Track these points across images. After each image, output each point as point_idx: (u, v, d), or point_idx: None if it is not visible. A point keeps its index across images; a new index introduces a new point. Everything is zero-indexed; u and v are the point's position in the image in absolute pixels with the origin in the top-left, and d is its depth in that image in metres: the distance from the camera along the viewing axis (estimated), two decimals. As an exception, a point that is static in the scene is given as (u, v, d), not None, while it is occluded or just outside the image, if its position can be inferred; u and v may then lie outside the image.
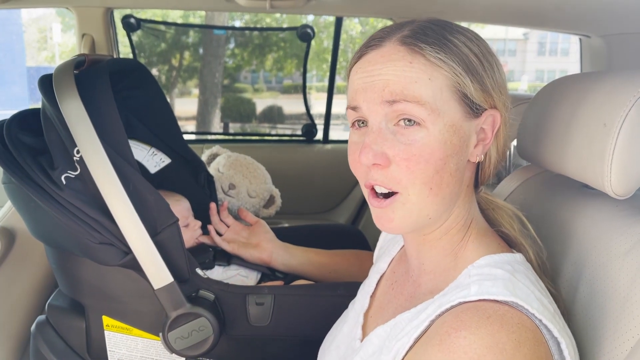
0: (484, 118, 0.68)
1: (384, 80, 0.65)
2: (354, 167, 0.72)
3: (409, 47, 0.65)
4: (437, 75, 0.65)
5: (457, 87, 0.65)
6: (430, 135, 0.65)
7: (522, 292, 0.62)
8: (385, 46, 0.67)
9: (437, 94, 0.65)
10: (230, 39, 4.29)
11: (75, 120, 0.90)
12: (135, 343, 1.05)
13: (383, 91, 0.65)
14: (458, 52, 0.66)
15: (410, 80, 0.64)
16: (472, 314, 0.60)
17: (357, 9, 1.97)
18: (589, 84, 0.78)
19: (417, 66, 0.65)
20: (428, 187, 0.66)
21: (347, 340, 0.84)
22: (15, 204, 1.04)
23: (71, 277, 1.06)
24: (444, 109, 0.65)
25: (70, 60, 1.01)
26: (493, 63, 0.69)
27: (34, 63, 11.60)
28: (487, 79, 0.67)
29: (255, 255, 1.25)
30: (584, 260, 0.76)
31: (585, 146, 0.74)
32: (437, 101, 0.64)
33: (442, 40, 0.66)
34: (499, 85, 0.69)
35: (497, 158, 0.73)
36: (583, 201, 0.84)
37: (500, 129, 0.70)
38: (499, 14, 1.76)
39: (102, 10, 1.74)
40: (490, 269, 0.66)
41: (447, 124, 0.65)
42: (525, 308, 0.60)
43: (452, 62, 0.65)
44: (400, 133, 0.66)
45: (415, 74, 0.64)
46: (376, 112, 0.66)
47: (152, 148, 1.34)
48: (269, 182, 1.55)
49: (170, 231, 0.98)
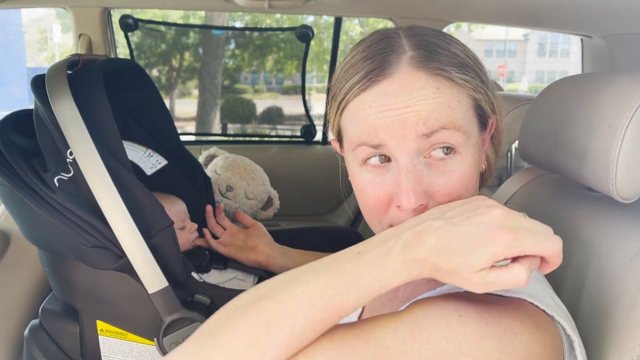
0: (489, 127, 0.67)
1: (416, 112, 0.59)
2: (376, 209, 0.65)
3: (428, 71, 0.61)
4: (463, 96, 0.61)
5: (475, 103, 0.63)
6: (465, 162, 0.61)
7: (532, 289, 0.60)
8: (399, 73, 0.61)
9: (466, 115, 0.61)
10: (230, 39, 4.28)
11: (68, 122, 0.88)
12: (129, 348, 1.04)
13: (417, 124, 0.59)
14: (471, 66, 0.63)
15: (443, 107, 0.60)
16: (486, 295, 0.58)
17: (356, 9, 1.95)
18: (592, 85, 0.77)
19: (444, 90, 0.60)
20: None
21: None
22: (7, 207, 1.03)
23: (64, 281, 1.04)
24: (471, 129, 0.62)
25: (64, 61, 0.99)
26: (483, 69, 0.67)
27: (34, 64, 11.62)
28: (488, 89, 0.65)
29: (252, 258, 1.23)
30: (587, 265, 0.74)
31: (589, 148, 0.72)
32: (467, 123, 0.61)
33: (453, 57, 0.62)
34: (492, 90, 0.67)
35: (495, 160, 0.71)
36: (586, 204, 0.82)
37: (495, 131, 0.69)
38: (499, 14, 1.74)
39: (99, 10, 1.73)
40: None
41: (474, 144, 0.62)
42: (534, 304, 0.59)
43: (472, 78, 0.62)
44: (436, 165, 0.61)
45: (446, 99, 0.60)
46: (410, 149, 0.60)
47: (148, 149, 1.32)
48: (266, 183, 1.53)
49: (165, 234, 0.96)
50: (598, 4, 1.47)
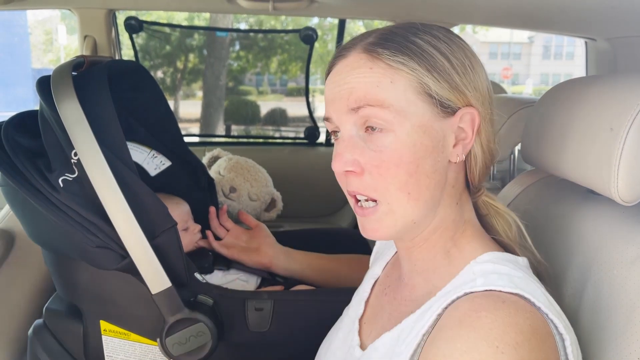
0: (458, 117, 0.67)
1: (349, 88, 0.67)
2: (339, 179, 0.73)
3: (369, 54, 0.66)
4: (398, 77, 0.65)
5: (422, 87, 0.65)
6: (398, 139, 0.65)
7: (528, 287, 0.61)
8: (350, 56, 0.69)
9: (401, 96, 0.65)
10: (234, 41, 4.29)
11: (73, 122, 0.89)
12: (133, 348, 1.04)
13: (348, 99, 0.67)
14: (420, 52, 0.66)
15: (371, 85, 0.65)
16: (486, 298, 0.59)
17: (359, 11, 1.96)
18: (594, 87, 0.77)
19: (378, 70, 0.65)
20: (406, 193, 0.66)
21: (344, 348, 0.82)
22: (12, 207, 1.03)
23: (68, 281, 1.04)
24: (411, 110, 0.65)
25: (69, 62, 1.00)
26: (465, 61, 0.67)
27: (39, 65, 11.67)
28: (457, 76, 0.66)
29: (255, 259, 1.23)
30: (588, 267, 0.74)
31: (591, 151, 0.72)
32: (401, 103, 0.65)
33: (404, 43, 0.66)
34: (473, 82, 0.67)
35: (483, 157, 0.71)
36: (588, 207, 0.82)
37: (482, 127, 0.69)
38: (503, 16, 1.74)
39: (104, 12, 1.74)
40: (494, 266, 0.65)
41: (414, 125, 0.65)
42: (531, 301, 0.59)
43: (414, 62, 0.65)
44: (370, 140, 0.66)
45: (376, 78, 0.65)
46: (345, 121, 0.68)
47: (152, 150, 1.33)
48: (270, 185, 1.54)
49: (168, 235, 0.97)
50: (602, 7, 1.47)
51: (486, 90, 0.70)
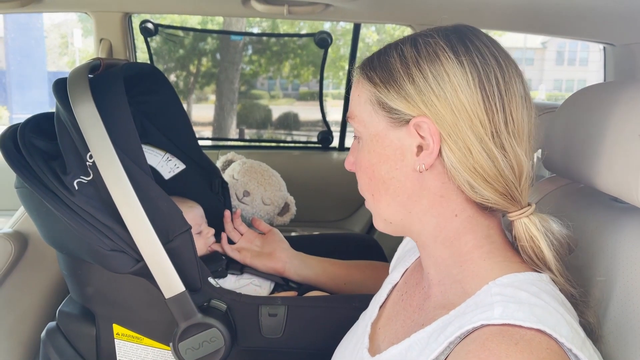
0: (411, 126, 0.66)
1: None
2: None
3: (360, 71, 0.73)
4: (363, 91, 0.71)
5: (377, 99, 0.69)
6: (362, 147, 0.73)
7: (551, 318, 0.58)
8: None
9: (362, 107, 0.71)
10: (247, 45, 4.30)
11: (89, 125, 0.89)
12: (145, 352, 1.03)
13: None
14: (381, 65, 0.69)
15: (352, 100, 0.74)
16: (498, 341, 0.56)
17: (375, 16, 1.95)
18: (619, 93, 0.75)
19: (357, 86, 0.73)
20: (370, 194, 0.73)
21: (354, 350, 0.81)
22: (27, 209, 1.03)
23: (82, 284, 1.04)
24: (368, 121, 0.71)
25: (85, 64, 1.00)
26: (431, 71, 0.64)
27: (55, 68, 11.79)
28: (408, 85, 0.65)
29: (269, 264, 1.22)
30: (613, 279, 0.72)
31: (617, 158, 0.70)
32: (363, 114, 0.71)
33: (375, 59, 0.71)
34: (436, 92, 0.64)
35: (463, 168, 0.64)
36: (613, 216, 0.80)
37: (456, 137, 0.64)
38: (521, 21, 1.72)
39: (120, 15, 1.74)
40: (515, 290, 0.62)
41: (371, 134, 0.71)
42: (553, 337, 0.56)
43: (375, 75, 0.70)
44: (356, 146, 0.76)
45: (355, 93, 0.74)
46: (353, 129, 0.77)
47: (166, 153, 1.33)
48: (283, 189, 1.53)
49: (182, 239, 0.96)
50: (621, 13, 1.44)
51: (464, 100, 0.63)
